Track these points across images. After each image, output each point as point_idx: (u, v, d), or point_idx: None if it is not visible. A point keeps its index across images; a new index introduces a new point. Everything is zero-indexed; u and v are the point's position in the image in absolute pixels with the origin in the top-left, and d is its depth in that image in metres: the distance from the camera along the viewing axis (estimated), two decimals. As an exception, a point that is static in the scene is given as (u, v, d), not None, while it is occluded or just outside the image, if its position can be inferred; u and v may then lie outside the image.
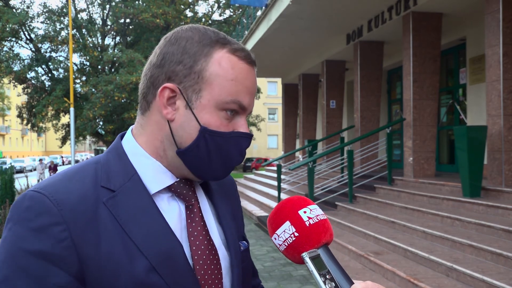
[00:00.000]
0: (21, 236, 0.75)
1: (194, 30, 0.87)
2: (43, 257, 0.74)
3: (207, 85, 0.83)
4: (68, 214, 0.77)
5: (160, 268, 0.79)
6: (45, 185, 0.80)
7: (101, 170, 0.84)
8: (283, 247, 0.78)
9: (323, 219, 0.79)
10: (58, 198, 0.77)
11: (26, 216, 0.76)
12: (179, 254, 0.82)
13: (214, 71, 0.83)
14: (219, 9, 29.04)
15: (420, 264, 5.14)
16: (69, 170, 0.85)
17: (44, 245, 0.74)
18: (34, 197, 0.77)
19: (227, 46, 0.85)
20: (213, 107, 0.83)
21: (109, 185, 0.82)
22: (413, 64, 8.45)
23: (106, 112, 24.12)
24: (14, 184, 10.73)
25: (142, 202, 0.82)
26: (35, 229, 0.75)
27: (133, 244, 0.78)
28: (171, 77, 0.84)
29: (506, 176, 6.31)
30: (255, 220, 10.69)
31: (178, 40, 0.86)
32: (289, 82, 17.60)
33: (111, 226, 0.78)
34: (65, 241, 0.75)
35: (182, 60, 0.84)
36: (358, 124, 10.76)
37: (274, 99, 45.48)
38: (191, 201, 0.89)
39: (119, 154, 0.87)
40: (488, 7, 6.60)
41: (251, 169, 34.24)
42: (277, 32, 11.23)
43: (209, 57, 0.84)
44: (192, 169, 0.86)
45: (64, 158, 56.99)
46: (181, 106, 0.84)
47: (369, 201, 8.33)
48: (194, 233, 0.86)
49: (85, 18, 28.05)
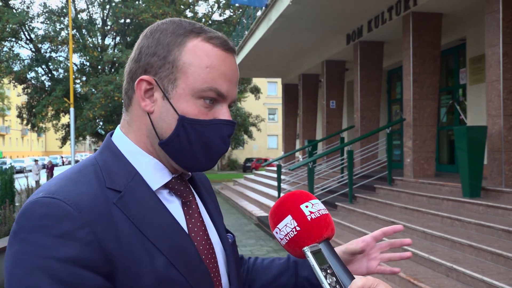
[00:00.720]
0: (45, 245, 0.71)
1: (169, 22, 0.87)
2: (74, 263, 0.71)
3: (182, 74, 0.83)
4: (89, 216, 0.75)
5: (177, 263, 0.80)
6: (54, 190, 0.77)
7: (101, 172, 0.82)
8: (285, 241, 0.78)
9: (325, 213, 0.79)
10: (74, 201, 0.75)
11: (44, 224, 0.72)
12: (190, 248, 0.83)
13: (188, 60, 0.83)
14: (219, 9, 29.05)
15: (420, 264, 5.13)
16: (69, 173, 0.82)
17: (73, 250, 0.72)
18: (49, 203, 0.74)
19: (202, 34, 0.85)
20: (190, 96, 0.83)
21: (114, 186, 0.81)
22: (413, 64, 8.45)
23: (106, 112, 24.12)
24: (14, 184, 10.71)
25: (150, 200, 0.82)
26: (59, 235, 0.72)
27: (149, 242, 0.78)
28: (147, 70, 0.84)
29: (506, 176, 6.31)
30: (255, 220, 10.69)
31: (153, 33, 0.86)
32: (289, 82, 17.59)
33: (126, 226, 0.78)
34: (93, 243, 0.74)
35: (156, 52, 0.84)
36: (358, 124, 10.76)
37: (274, 99, 45.45)
38: (188, 197, 0.89)
39: (116, 154, 0.86)
40: (488, 7, 6.60)
41: (251, 169, 34.25)
42: (277, 32, 11.23)
43: (182, 46, 0.83)
44: (177, 160, 0.85)
45: (64, 158, 56.99)
46: (158, 98, 0.84)
47: (369, 201, 8.33)
48: (194, 229, 0.86)
49: (85, 18, 28.08)
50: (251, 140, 34.76)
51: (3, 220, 7.18)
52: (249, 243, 8.29)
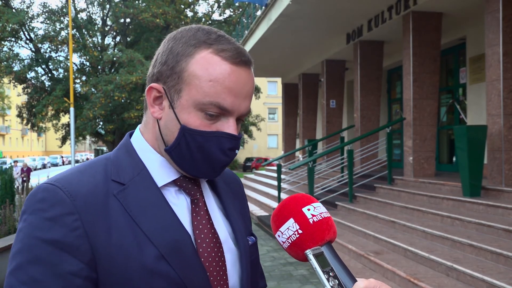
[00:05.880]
0: (36, 226, 0.78)
1: (188, 30, 0.88)
2: (56, 245, 0.77)
3: (186, 85, 0.84)
4: (81, 204, 0.80)
5: (169, 256, 0.81)
6: (59, 178, 0.84)
7: (111, 165, 0.87)
8: (287, 244, 0.78)
9: (327, 216, 0.80)
10: (71, 189, 0.81)
11: (40, 207, 0.79)
12: (187, 244, 0.84)
13: (193, 72, 0.84)
14: (219, 9, 29.02)
15: (420, 263, 5.14)
16: (81, 165, 0.89)
17: (57, 234, 0.78)
18: (48, 189, 0.81)
19: (213, 46, 0.84)
20: (192, 107, 0.84)
21: (119, 179, 0.85)
22: (413, 63, 8.45)
23: (106, 112, 24.11)
24: (14, 184, 10.72)
25: (152, 195, 0.85)
26: (48, 218, 0.78)
27: (143, 234, 0.81)
28: (158, 78, 0.87)
29: (506, 176, 6.31)
30: (255, 220, 10.70)
31: (169, 41, 0.88)
32: (289, 81, 17.59)
33: (122, 217, 0.82)
34: (78, 230, 0.79)
35: (166, 61, 0.86)
36: (358, 123, 10.76)
37: (274, 99, 45.46)
38: (196, 195, 0.91)
39: (128, 150, 0.91)
40: (488, 7, 6.60)
41: (251, 168, 34.27)
42: (277, 32, 11.23)
43: (190, 57, 0.84)
44: (180, 166, 0.88)
45: (64, 158, 57.01)
46: (166, 106, 0.87)
47: (369, 200, 8.33)
48: (199, 226, 0.88)
49: (85, 18, 28.03)
50: (251, 139, 34.77)
51: (3, 220, 7.18)
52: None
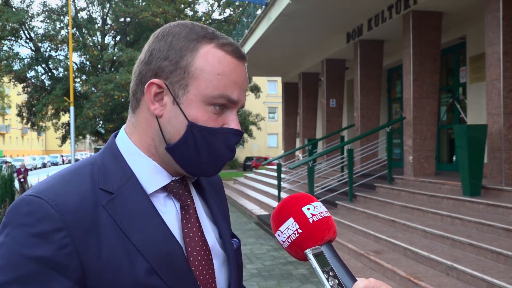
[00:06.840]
0: (21, 242, 0.73)
1: (182, 26, 0.87)
2: (44, 263, 0.73)
3: (193, 80, 0.83)
4: (69, 219, 0.76)
5: (160, 270, 0.79)
6: (44, 188, 0.78)
7: (98, 172, 0.83)
8: (287, 243, 0.78)
9: (327, 216, 0.79)
10: (59, 202, 0.76)
11: (25, 222, 0.74)
12: (179, 256, 0.82)
13: (200, 66, 0.83)
14: (219, 8, 29.03)
15: (420, 263, 5.14)
16: (65, 171, 0.84)
17: (45, 251, 0.73)
18: (33, 202, 0.76)
19: (214, 40, 0.85)
20: (200, 102, 0.83)
21: (107, 187, 0.81)
22: (413, 63, 8.45)
23: (106, 111, 24.12)
24: (14, 183, 10.73)
25: (141, 204, 0.82)
26: (35, 235, 0.74)
27: (134, 247, 0.78)
28: (158, 73, 0.84)
29: (506, 175, 6.31)
30: (255, 219, 10.69)
31: (165, 36, 0.86)
32: (289, 81, 17.58)
33: (111, 230, 0.78)
34: (67, 247, 0.75)
35: (168, 56, 0.84)
36: (358, 123, 10.76)
37: (274, 98, 45.43)
38: (187, 201, 0.88)
39: (115, 154, 0.86)
40: (488, 6, 6.60)
41: (251, 168, 34.26)
42: (277, 31, 11.22)
43: (195, 52, 0.83)
44: (182, 165, 0.86)
45: (64, 157, 57.00)
46: (168, 102, 0.84)
47: (369, 200, 8.33)
48: (189, 234, 0.85)
49: (85, 17, 28.04)
50: (251, 139, 34.78)
51: (3, 219, 7.18)
52: (249, 242, 8.30)
